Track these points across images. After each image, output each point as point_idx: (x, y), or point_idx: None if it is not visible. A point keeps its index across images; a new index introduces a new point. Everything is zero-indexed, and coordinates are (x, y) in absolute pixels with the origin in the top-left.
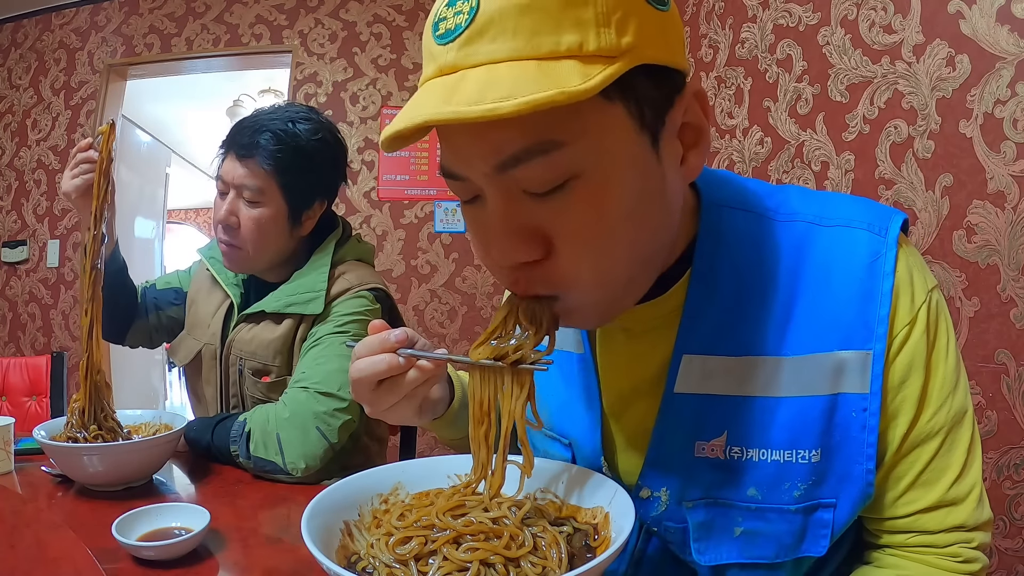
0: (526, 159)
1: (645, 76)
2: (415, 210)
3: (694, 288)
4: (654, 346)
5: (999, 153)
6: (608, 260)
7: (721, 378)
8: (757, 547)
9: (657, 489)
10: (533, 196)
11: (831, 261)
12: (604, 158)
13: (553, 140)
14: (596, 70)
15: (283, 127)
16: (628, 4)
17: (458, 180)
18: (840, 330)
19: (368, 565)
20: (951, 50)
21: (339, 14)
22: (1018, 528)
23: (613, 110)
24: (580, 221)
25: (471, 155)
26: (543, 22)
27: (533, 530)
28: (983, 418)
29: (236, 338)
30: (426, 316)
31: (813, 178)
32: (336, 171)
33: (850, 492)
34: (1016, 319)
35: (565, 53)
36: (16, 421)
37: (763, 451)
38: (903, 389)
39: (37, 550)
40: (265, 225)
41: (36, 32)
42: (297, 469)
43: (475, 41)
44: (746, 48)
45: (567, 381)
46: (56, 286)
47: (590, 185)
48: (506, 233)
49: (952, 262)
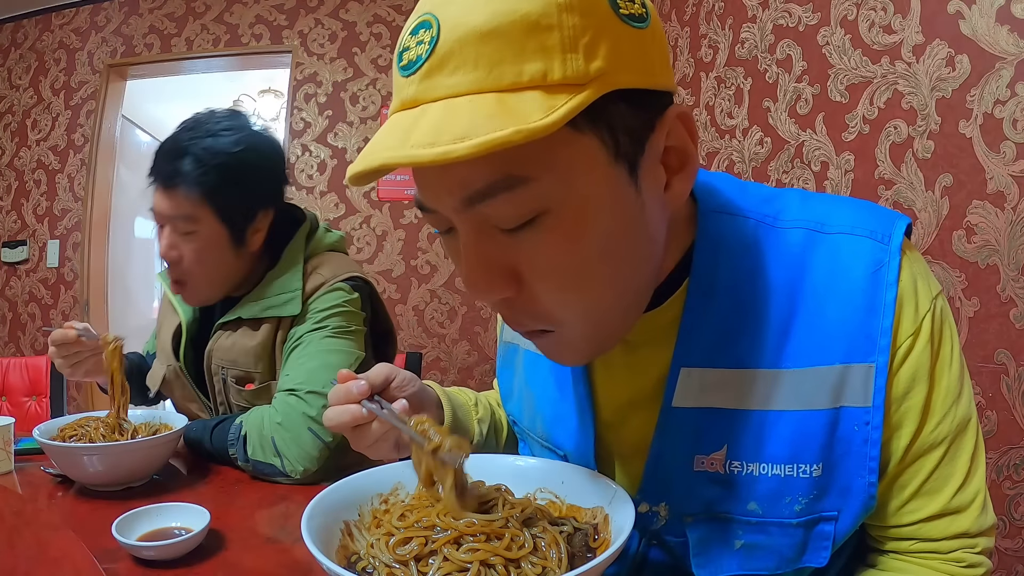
0: (491, 194)
1: (621, 101)
2: (415, 210)
3: (692, 299)
4: (651, 358)
5: (999, 153)
6: (588, 297)
7: (720, 391)
8: (758, 560)
9: (656, 504)
10: (504, 231)
11: (832, 271)
12: (574, 193)
13: (517, 176)
14: (561, 101)
15: (204, 145)
16: (598, 25)
17: (430, 213)
18: (842, 342)
19: (368, 565)
20: (951, 50)
21: (339, 14)
22: (1018, 528)
23: (584, 141)
24: (551, 258)
25: (439, 190)
26: (504, 51)
27: (533, 530)
28: (983, 418)
29: (215, 347)
30: (426, 316)
31: (813, 178)
32: (273, 176)
33: (852, 505)
34: (1016, 319)
35: (527, 84)
36: (16, 421)
37: (763, 465)
38: (907, 400)
39: (37, 550)
40: (207, 254)
41: (36, 32)
42: (296, 472)
43: (436, 73)
44: (746, 48)
45: (562, 392)
46: (56, 286)
47: (561, 221)
48: (479, 268)
49: (952, 262)
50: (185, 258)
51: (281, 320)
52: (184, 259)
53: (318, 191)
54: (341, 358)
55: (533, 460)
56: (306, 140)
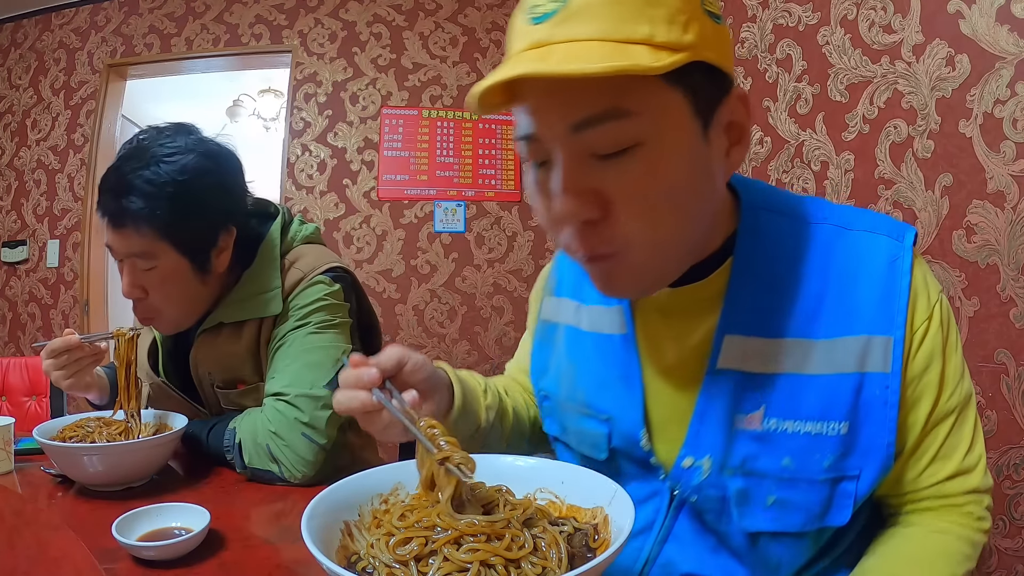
0: (600, 121)
1: (701, 72)
2: (415, 210)
3: (735, 275)
4: (694, 327)
5: (999, 153)
6: (661, 224)
7: (759, 357)
8: (787, 516)
9: (700, 458)
10: (598, 159)
11: (856, 259)
12: (664, 132)
13: (624, 108)
14: (664, 56)
15: (149, 177)
16: (692, 11)
17: (533, 142)
18: (865, 318)
19: (368, 565)
20: (951, 50)
21: (339, 14)
22: (1018, 528)
23: (673, 94)
24: (638, 184)
25: (553, 117)
26: (625, 13)
27: (533, 531)
28: (983, 418)
29: (200, 355)
30: (426, 316)
31: (813, 178)
32: (230, 193)
33: (872, 464)
34: (1016, 319)
35: (639, 40)
36: (16, 421)
37: (797, 423)
38: (925, 376)
39: (37, 550)
40: (171, 288)
41: (36, 32)
42: (294, 477)
43: (566, 23)
44: (746, 48)
45: (605, 361)
46: (56, 286)
47: (650, 154)
48: (571, 191)
49: (952, 262)
50: (150, 294)
51: (263, 320)
52: (149, 295)
53: (318, 191)
54: (327, 354)
55: (533, 460)
56: (306, 140)
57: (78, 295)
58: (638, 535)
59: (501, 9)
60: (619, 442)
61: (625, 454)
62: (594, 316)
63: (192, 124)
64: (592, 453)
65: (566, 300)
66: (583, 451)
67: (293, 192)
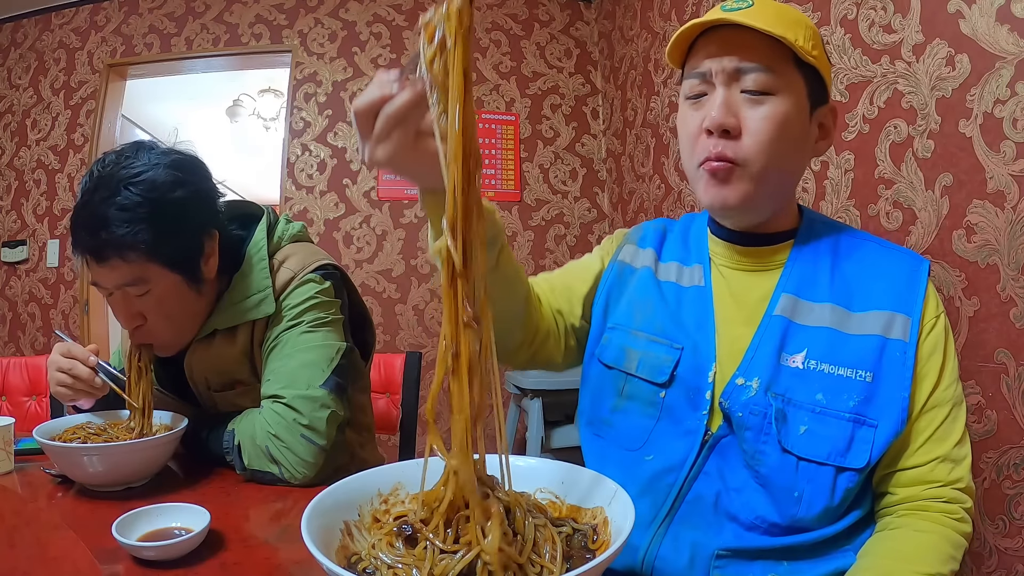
0: (753, 71)
1: (816, 77)
2: (415, 209)
3: (795, 251)
4: (756, 285)
5: (999, 153)
6: (768, 156)
7: (806, 315)
8: (816, 445)
9: (750, 379)
10: (745, 96)
11: (887, 262)
12: (789, 95)
13: (772, 68)
14: (805, 52)
15: (122, 204)
16: (818, 40)
17: (699, 78)
18: (891, 299)
19: (369, 565)
20: (951, 50)
21: (339, 14)
22: (1018, 528)
23: (800, 76)
24: (764, 122)
25: (725, 57)
26: (785, 22)
27: (536, 521)
28: (983, 418)
29: (194, 361)
30: (426, 316)
31: (813, 178)
32: (204, 199)
33: (889, 418)
34: (1016, 319)
35: (789, 39)
36: (16, 421)
37: (832, 366)
38: (930, 360)
39: (37, 550)
40: (169, 305)
41: (36, 32)
42: (295, 479)
43: (750, 12)
44: None
45: (682, 305)
46: (56, 286)
47: (777, 104)
48: (724, 107)
49: (952, 262)
50: (148, 319)
51: (256, 321)
52: (148, 320)
53: (318, 191)
54: (322, 353)
55: (533, 460)
56: (306, 140)
57: (78, 295)
58: (671, 471)
59: (501, 9)
60: (684, 370)
61: (682, 381)
62: (671, 271)
63: (150, 140)
64: (651, 376)
65: (649, 250)
66: (642, 374)
67: (293, 192)
